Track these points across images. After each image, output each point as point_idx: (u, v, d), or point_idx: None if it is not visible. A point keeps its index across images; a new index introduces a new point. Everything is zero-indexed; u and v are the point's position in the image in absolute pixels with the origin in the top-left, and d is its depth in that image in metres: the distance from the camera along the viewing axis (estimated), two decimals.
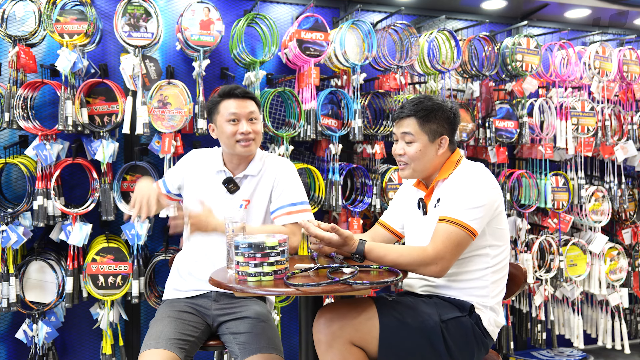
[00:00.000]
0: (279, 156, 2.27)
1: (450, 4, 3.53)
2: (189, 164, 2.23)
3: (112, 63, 2.97)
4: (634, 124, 3.71)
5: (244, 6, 3.22)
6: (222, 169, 2.16)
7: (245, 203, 2.14)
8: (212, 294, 2.13)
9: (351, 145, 3.33)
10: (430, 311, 1.78)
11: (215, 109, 2.12)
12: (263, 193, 2.16)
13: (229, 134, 2.07)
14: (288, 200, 2.13)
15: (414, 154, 1.91)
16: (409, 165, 1.93)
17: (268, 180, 2.16)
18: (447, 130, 1.92)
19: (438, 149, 1.92)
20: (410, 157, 1.91)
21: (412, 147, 1.91)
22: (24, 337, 2.69)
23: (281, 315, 3.12)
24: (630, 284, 3.76)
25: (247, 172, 2.15)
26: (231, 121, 2.08)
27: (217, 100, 2.13)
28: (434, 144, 1.91)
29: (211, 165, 2.19)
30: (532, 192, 3.41)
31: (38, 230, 2.86)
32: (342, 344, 1.68)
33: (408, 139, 1.91)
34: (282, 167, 2.19)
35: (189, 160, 2.24)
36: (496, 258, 1.87)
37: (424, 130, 1.90)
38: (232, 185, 2.13)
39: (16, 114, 2.60)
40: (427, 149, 1.91)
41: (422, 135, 1.90)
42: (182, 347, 1.92)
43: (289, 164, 2.22)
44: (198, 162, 2.22)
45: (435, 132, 1.91)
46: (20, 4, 2.76)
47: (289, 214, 2.11)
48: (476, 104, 3.37)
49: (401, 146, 1.94)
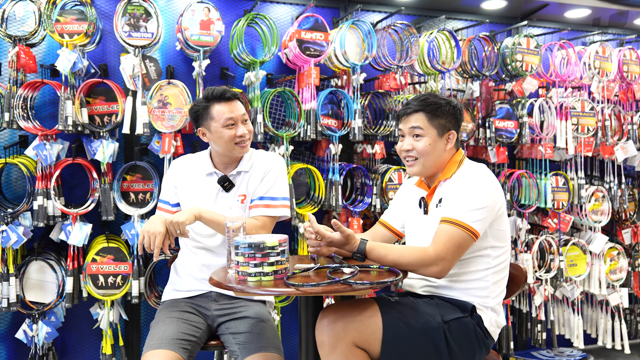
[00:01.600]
0: (270, 152, 2.29)
1: (450, 4, 3.53)
2: (177, 172, 2.23)
3: (112, 63, 2.97)
4: (634, 124, 3.71)
5: (244, 6, 3.22)
6: (213, 171, 2.18)
7: (242, 198, 2.16)
8: (212, 294, 2.14)
9: (351, 145, 3.33)
10: (433, 312, 1.78)
11: (207, 114, 2.10)
12: (255, 186, 2.18)
13: (228, 139, 2.08)
14: (270, 194, 2.15)
15: (423, 148, 1.90)
16: (418, 160, 1.92)
17: (259, 173, 2.18)
18: (454, 125, 1.93)
19: (446, 144, 1.92)
20: (419, 151, 1.90)
21: (422, 141, 1.90)
22: (24, 337, 2.69)
23: (281, 315, 3.12)
24: (630, 284, 3.76)
25: (240, 168, 2.18)
26: (228, 126, 2.08)
27: (206, 105, 2.11)
28: (442, 138, 1.91)
29: (200, 169, 2.20)
30: (532, 192, 3.41)
31: (38, 230, 2.85)
32: (346, 345, 1.68)
33: (417, 133, 1.90)
34: (272, 161, 2.21)
35: (176, 169, 2.24)
36: (497, 259, 1.87)
37: (432, 124, 1.90)
38: (228, 183, 2.15)
39: (16, 114, 2.60)
40: (436, 143, 1.90)
41: (431, 129, 1.90)
42: (185, 347, 1.92)
43: (280, 159, 2.25)
44: (185, 168, 2.23)
45: (444, 127, 1.91)
46: (20, 4, 2.76)
47: (267, 206, 2.13)
48: (476, 104, 3.37)
49: (409, 142, 1.92)
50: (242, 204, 2.16)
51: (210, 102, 2.10)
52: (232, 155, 2.14)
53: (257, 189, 2.16)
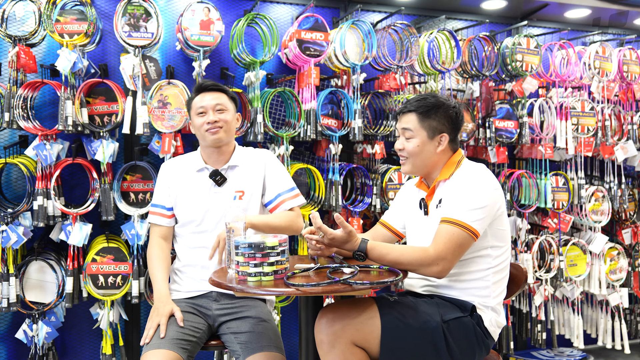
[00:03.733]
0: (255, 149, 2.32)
1: (450, 4, 3.53)
2: (168, 173, 2.25)
3: (112, 63, 2.97)
4: (634, 124, 3.71)
5: (244, 6, 3.22)
6: (204, 166, 2.20)
7: (240, 194, 2.17)
8: (212, 294, 2.14)
9: (351, 145, 3.33)
10: (432, 311, 1.78)
11: (190, 107, 2.21)
12: (256, 183, 2.20)
13: (198, 126, 2.15)
14: (283, 188, 2.22)
15: (412, 150, 1.93)
16: (409, 160, 1.96)
17: (258, 169, 2.21)
18: (447, 128, 1.93)
19: (437, 146, 1.92)
20: (408, 152, 1.94)
21: (411, 142, 1.93)
22: (24, 337, 2.69)
23: (281, 315, 3.12)
24: (630, 284, 3.76)
25: (231, 162, 2.19)
26: (200, 114, 2.15)
27: (192, 97, 2.21)
28: (433, 140, 1.92)
29: (190, 167, 2.22)
30: (532, 192, 3.41)
31: (38, 230, 2.85)
32: (344, 344, 1.68)
33: (407, 135, 1.94)
34: (266, 156, 2.26)
35: (166, 171, 2.26)
36: (498, 259, 1.87)
37: (423, 126, 1.91)
38: (219, 177, 2.16)
39: (16, 114, 2.60)
40: (425, 145, 1.92)
41: (421, 131, 1.92)
42: (185, 347, 1.92)
43: (269, 152, 2.30)
44: (175, 168, 2.25)
45: (435, 129, 1.91)
46: (20, 4, 2.75)
47: (286, 200, 2.21)
48: (476, 104, 3.37)
49: (401, 141, 1.97)
50: (241, 200, 2.16)
51: (195, 94, 2.20)
52: (207, 144, 2.17)
53: (269, 188, 2.21)
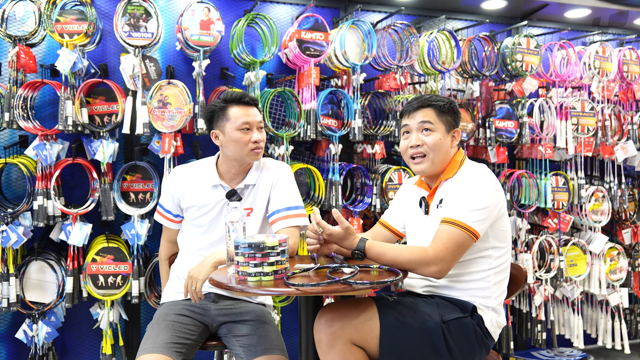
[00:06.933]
0: (275, 160, 2.25)
1: (450, 4, 3.53)
2: (179, 183, 2.16)
3: (112, 63, 2.97)
4: (634, 124, 3.71)
5: (244, 6, 3.22)
6: (219, 183, 2.12)
7: (249, 211, 2.13)
8: (210, 295, 2.13)
9: (351, 145, 3.33)
10: (432, 312, 1.78)
11: (223, 115, 2.07)
12: (262, 199, 2.15)
13: (242, 143, 2.04)
14: (285, 204, 2.12)
15: (433, 143, 1.88)
16: (427, 156, 1.90)
17: (266, 185, 2.15)
18: (457, 124, 1.96)
19: (452, 141, 1.93)
20: (430, 146, 1.89)
21: (432, 136, 1.89)
22: (24, 337, 2.69)
23: (281, 315, 3.12)
24: (630, 284, 3.76)
25: (247, 181, 2.13)
26: (243, 130, 2.04)
27: (223, 106, 2.08)
28: (449, 135, 1.92)
29: (204, 181, 2.14)
30: (532, 192, 3.41)
31: (38, 230, 2.85)
32: (343, 343, 1.68)
33: (427, 127, 1.90)
34: (279, 171, 2.17)
35: (178, 180, 2.17)
36: (499, 259, 1.87)
37: (441, 120, 1.91)
38: (236, 197, 2.06)
39: (16, 114, 2.60)
40: (444, 139, 1.91)
41: (440, 124, 1.91)
42: (179, 350, 1.92)
43: (286, 167, 2.21)
44: (188, 178, 2.16)
45: (450, 124, 1.93)
46: (20, 4, 2.75)
47: (286, 217, 2.11)
48: (476, 104, 3.37)
49: (418, 136, 1.91)
50: (249, 216, 2.12)
51: (228, 104, 2.07)
52: (243, 161, 2.09)
53: (271, 202, 2.13)
